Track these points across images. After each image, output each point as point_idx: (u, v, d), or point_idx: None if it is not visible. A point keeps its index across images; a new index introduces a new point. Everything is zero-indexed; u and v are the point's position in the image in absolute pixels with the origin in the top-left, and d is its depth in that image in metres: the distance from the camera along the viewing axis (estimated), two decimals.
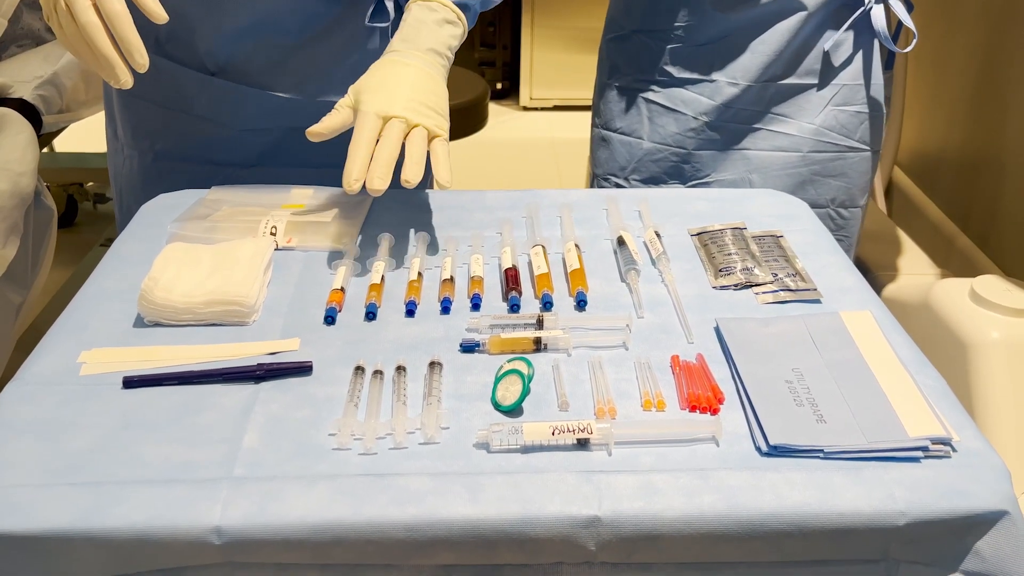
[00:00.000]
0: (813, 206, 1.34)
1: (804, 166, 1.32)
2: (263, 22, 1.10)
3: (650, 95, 1.33)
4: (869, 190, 1.41)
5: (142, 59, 0.86)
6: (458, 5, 1.04)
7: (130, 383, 0.78)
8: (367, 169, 0.92)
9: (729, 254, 0.98)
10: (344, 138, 1.21)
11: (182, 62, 1.14)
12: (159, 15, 0.88)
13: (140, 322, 0.87)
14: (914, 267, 1.91)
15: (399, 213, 1.08)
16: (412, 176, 0.91)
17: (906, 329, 0.89)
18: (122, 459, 0.70)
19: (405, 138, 0.94)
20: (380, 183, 0.91)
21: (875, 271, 1.88)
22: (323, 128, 0.96)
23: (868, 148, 1.34)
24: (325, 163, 1.15)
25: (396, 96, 0.95)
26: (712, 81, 1.28)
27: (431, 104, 0.97)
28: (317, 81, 1.15)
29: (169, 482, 0.68)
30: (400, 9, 1.15)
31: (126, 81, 0.87)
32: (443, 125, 0.97)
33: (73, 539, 0.64)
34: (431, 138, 0.95)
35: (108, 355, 0.82)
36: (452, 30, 1.03)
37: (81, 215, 2.75)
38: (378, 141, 0.93)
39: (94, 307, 0.89)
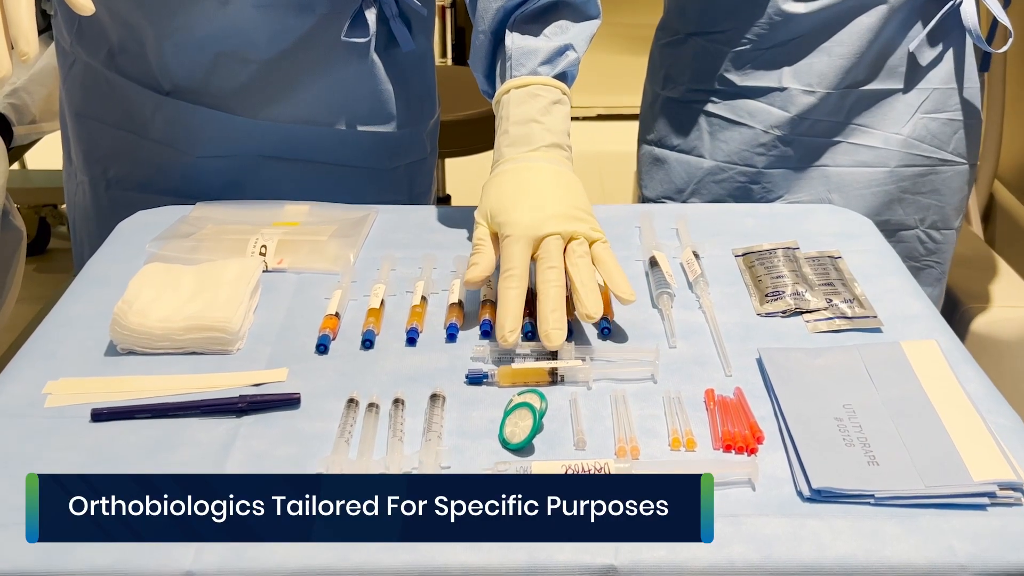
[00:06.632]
0: (901, 228, 1.37)
1: (891, 183, 1.35)
2: (222, 35, 1.15)
3: (710, 107, 1.37)
4: (964, 210, 1.43)
5: (28, 47, 0.85)
6: (558, 77, 1.07)
7: (99, 416, 0.84)
8: (521, 315, 0.90)
9: (778, 276, 1.02)
10: (323, 156, 1.25)
11: (135, 79, 1.19)
12: (83, 5, 0.89)
13: (112, 350, 0.93)
14: (1013, 298, 1.93)
15: (403, 231, 1.14)
16: (595, 310, 0.90)
17: (1001, 369, 0.91)
18: None
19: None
20: (559, 336, 0.89)
21: (967, 302, 1.89)
22: (475, 275, 0.95)
23: (964, 161, 1.36)
24: (300, 197, 1.19)
25: (542, 208, 0.96)
26: (783, 90, 1.32)
27: (579, 205, 0.99)
28: (286, 103, 1.20)
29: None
30: (384, 20, 1.19)
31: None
32: (598, 227, 0.98)
33: None
34: (591, 243, 0.97)
35: (76, 385, 0.88)
36: (562, 111, 1.05)
37: (53, 241, 2.85)
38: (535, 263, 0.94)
39: (62, 333, 0.95)
